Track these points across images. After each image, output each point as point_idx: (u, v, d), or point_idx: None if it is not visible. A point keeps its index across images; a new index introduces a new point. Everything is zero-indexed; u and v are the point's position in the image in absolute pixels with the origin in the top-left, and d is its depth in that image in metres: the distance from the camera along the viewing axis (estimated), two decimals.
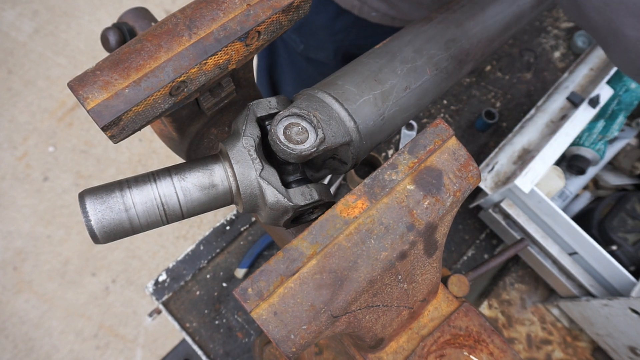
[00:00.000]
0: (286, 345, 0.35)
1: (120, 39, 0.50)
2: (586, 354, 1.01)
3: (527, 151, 1.03)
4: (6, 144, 2.28)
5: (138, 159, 2.31)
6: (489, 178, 1.01)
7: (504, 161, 1.02)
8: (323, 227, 0.38)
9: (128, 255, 2.15)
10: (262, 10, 0.44)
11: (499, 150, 1.04)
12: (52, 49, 2.48)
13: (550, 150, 0.93)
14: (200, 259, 1.02)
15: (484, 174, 1.02)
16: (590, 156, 1.03)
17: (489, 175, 1.01)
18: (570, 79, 1.10)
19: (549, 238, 0.96)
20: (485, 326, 0.49)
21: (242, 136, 0.44)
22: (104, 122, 0.38)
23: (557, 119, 1.05)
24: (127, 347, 2.01)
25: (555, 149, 0.94)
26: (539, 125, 1.06)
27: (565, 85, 1.09)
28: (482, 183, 1.00)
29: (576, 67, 1.11)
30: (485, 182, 1.00)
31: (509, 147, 1.04)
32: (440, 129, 0.44)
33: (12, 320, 2.02)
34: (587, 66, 1.10)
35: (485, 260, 0.67)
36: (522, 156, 1.02)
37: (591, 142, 1.03)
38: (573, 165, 1.04)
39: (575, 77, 1.09)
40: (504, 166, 1.02)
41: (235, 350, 0.97)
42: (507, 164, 1.02)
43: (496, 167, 1.01)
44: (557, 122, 1.04)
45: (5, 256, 2.10)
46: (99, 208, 0.40)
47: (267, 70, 1.31)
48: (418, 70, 0.54)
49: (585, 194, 1.09)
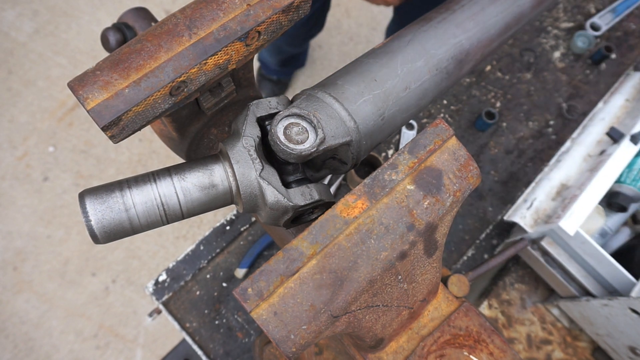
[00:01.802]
0: (286, 345, 0.34)
1: (120, 39, 0.50)
2: (586, 354, 1.01)
3: (565, 187, 1.00)
4: (6, 144, 2.28)
5: (138, 159, 2.31)
6: (528, 215, 0.98)
7: (542, 197, 1.00)
8: (323, 227, 0.38)
9: (128, 255, 2.15)
10: (262, 10, 0.44)
11: (536, 185, 1.01)
12: (52, 49, 2.48)
13: (593, 191, 0.91)
14: (200, 259, 1.02)
15: (522, 211, 0.99)
16: (632, 193, 0.99)
17: (528, 212, 0.99)
18: (606, 109, 1.06)
19: (590, 277, 0.94)
20: (485, 326, 0.49)
21: (242, 136, 0.44)
22: (104, 122, 0.38)
23: (595, 153, 1.02)
24: (127, 347, 2.01)
25: (598, 189, 0.92)
26: (576, 159, 1.03)
27: (601, 117, 1.06)
28: (521, 220, 0.98)
29: (610, 97, 1.08)
30: (524, 220, 0.98)
31: (546, 182, 1.01)
32: (440, 129, 0.44)
33: (12, 320, 2.02)
34: (622, 97, 1.07)
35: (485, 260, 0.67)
36: (561, 192, 1.00)
37: (632, 179, 0.99)
38: (614, 202, 1.01)
39: (611, 107, 1.06)
40: (542, 203, 0.99)
41: (235, 350, 0.97)
42: (545, 200, 1.00)
43: (535, 204, 0.99)
44: (596, 157, 1.01)
45: (5, 256, 2.10)
46: (99, 208, 0.40)
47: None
48: (418, 70, 0.54)
49: (624, 230, 1.06)
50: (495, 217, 1.11)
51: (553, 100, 1.24)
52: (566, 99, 1.24)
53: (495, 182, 1.15)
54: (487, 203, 1.12)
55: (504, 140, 1.19)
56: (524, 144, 1.18)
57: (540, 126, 1.21)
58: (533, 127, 1.20)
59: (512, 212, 1.02)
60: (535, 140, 1.19)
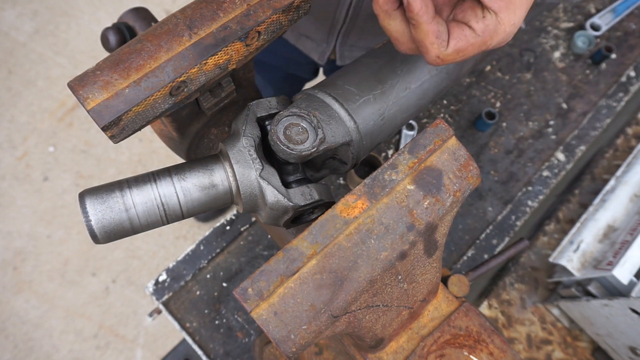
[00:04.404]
0: (286, 345, 0.35)
1: (120, 39, 0.50)
2: (586, 354, 1.01)
3: (612, 228, 0.99)
4: (6, 144, 2.28)
5: (138, 159, 2.31)
6: (575, 258, 0.97)
7: (589, 239, 0.99)
8: (323, 227, 0.38)
9: (128, 255, 2.15)
10: (262, 10, 0.44)
11: (581, 225, 1.00)
12: (52, 49, 2.48)
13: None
14: (200, 259, 1.02)
15: (569, 253, 0.97)
16: None
17: (575, 255, 0.97)
18: None
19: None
20: (485, 326, 0.49)
21: (242, 136, 0.44)
22: (104, 122, 0.38)
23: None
24: (127, 347, 2.01)
25: None
26: (622, 199, 1.02)
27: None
28: (568, 263, 0.97)
29: None
30: (571, 263, 0.97)
31: (592, 224, 1.00)
32: (440, 129, 0.44)
33: (12, 320, 2.02)
34: None
35: (485, 260, 0.67)
36: (608, 234, 0.98)
37: None
38: None
39: None
40: (589, 245, 0.98)
41: (235, 350, 0.97)
42: (592, 242, 0.98)
43: (582, 247, 0.98)
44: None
45: (5, 256, 2.10)
46: (99, 208, 0.40)
47: None
48: (418, 70, 0.54)
49: None
50: (495, 217, 1.11)
51: (553, 100, 1.24)
52: (566, 99, 1.24)
53: (495, 182, 1.15)
54: (487, 203, 1.12)
55: (504, 140, 1.19)
56: (524, 144, 1.18)
57: (540, 126, 1.21)
58: (533, 127, 1.20)
59: (557, 253, 1.01)
60: (535, 140, 1.19)
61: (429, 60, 0.42)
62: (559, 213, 1.12)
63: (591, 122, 1.21)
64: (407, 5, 0.39)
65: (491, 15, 0.40)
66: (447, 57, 0.41)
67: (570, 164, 1.16)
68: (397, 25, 0.42)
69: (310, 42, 1.03)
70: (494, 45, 0.43)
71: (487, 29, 0.41)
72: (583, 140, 1.19)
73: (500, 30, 0.41)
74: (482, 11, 0.41)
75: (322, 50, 1.02)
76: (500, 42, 0.42)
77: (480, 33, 0.41)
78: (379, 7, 0.42)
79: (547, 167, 1.16)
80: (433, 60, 0.42)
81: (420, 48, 0.42)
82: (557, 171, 1.15)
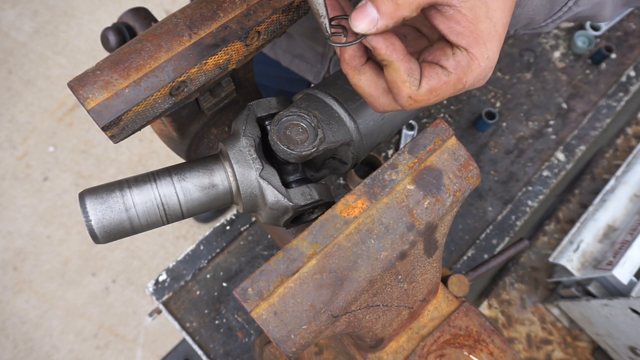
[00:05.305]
0: (286, 345, 0.35)
1: (120, 39, 0.50)
2: (586, 354, 1.01)
3: (612, 228, 0.99)
4: (6, 144, 2.28)
5: (138, 159, 2.31)
6: (575, 258, 0.97)
7: (589, 239, 0.99)
8: (323, 227, 0.38)
9: (128, 255, 2.15)
10: (262, 10, 0.44)
11: (581, 225, 1.01)
12: (52, 49, 2.48)
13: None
14: (200, 259, 1.02)
15: (569, 253, 0.98)
16: None
17: (575, 255, 0.98)
18: None
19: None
20: (485, 326, 0.49)
21: (242, 136, 0.44)
22: (104, 122, 0.38)
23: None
24: (127, 347, 2.01)
25: None
26: (622, 199, 1.02)
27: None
28: (568, 263, 0.97)
29: None
30: (571, 263, 0.97)
31: (592, 224, 1.00)
32: (440, 129, 0.44)
33: (12, 320, 2.02)
34: None
35: (485, 260, 0.67)
36: (608, 234, 0.99)
37: None
38: None
39: None
40: (589, 245, 0.98)
41: (235, 350, 0.97)
42: (592, 242, 0.98)
43: (582, 247, 0.98)
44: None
45: (5, 256, 2.10)
46: (99, 208, 0.40)
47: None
48: None
49: None
50: (495, 217, 1.11)
51: (553, 100, 1.24)
52: (566, 98, 1.24)
53: (495, 182, 1.15)
54: (487, 203, 1.12)
55: (504, 140, 1.19)
56: (524, 144, 1.18)
57: (540, 126, 1.21)
58: (533, 127, 1.20)
59: (557, 253, 1.01)
60: (535, 140, 1.19)
61: (401, 102, 0.40)
62: (559, 213, 1.12)
63: (591, 122, 1.21)
64: (374, 50, 0.37)
65: (461, 51, 0.38)
66: (420, 97, 0.39)
67: (570, 163, 1.16)
68: (368, 79, 0.40)
69: (305, 64, 1.02)
70: (470, 83, 0.40)
71: (459, 65, 0.39)
72: (583, 140, 1.19)
73: (474, 66, 0.39)
74: (452, 49, 0.39)
75: (317, 71, 1.02)
76: (477, 78, 0.40)
77: (453, 70, 0.39)
78: (347, 65, 0.40)
79: (547, 167, 1.16)
80: (405, 101, 0.39)
81: (392, 90, 0.39)
82: (557, 171, 1.15)
